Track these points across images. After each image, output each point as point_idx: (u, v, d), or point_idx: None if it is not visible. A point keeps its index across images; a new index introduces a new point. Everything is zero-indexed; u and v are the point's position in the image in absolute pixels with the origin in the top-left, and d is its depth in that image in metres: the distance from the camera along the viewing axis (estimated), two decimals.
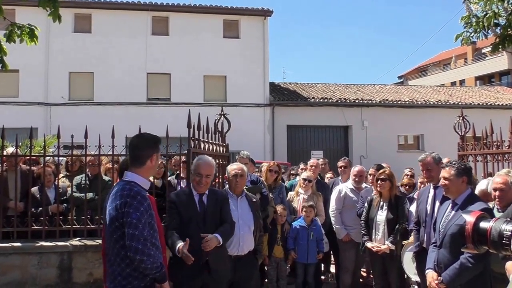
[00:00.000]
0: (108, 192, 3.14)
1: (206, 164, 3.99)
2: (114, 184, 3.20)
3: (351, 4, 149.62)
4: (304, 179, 6.34)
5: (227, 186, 4.77)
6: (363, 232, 5.61)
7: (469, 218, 2.02)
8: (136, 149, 3.07)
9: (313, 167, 6.84)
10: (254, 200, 4.75)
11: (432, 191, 4.64)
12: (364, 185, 6.37)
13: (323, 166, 7.98)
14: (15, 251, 5.16)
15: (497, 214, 3.58)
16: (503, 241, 1.84)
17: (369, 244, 5.48)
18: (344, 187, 6.34)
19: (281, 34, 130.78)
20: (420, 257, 4.83)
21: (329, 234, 6.39)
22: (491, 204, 3.89)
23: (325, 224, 6.34)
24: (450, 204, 3.81)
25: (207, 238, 3.75)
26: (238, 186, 4.55)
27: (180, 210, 3.87)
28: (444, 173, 3.78)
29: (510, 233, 1.81)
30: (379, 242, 5.41)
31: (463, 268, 3.46)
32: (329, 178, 7.78)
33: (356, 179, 6.23)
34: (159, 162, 3.24)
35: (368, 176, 6.49)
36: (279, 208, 5.99)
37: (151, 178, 4.79)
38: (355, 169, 6.36)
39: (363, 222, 5.65)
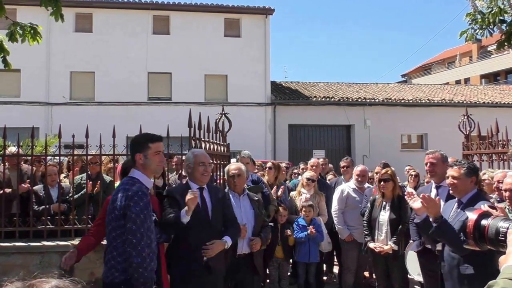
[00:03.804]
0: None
1: (204, 153, 4.07)
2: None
3: (353, 2, 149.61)
4: (308, 179, 6.30)
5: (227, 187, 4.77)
6: (366, 232, 5.56)
7: (471, 216, 2.05)
8: (129, 150, 3.33)
9: (313, 167, 6.81)
10: (256, 198, 4.76)
11: (434, 190, 4.59)
12: (366, 185, 6.33)
13: (323, 166, 7.98)
14: (17, 250, 5.16)
15: (510, 215, 3.53)
16: (499, 238, 1.85)
17: (371, 245, 5.43)
18: (347, 187, 6.29)
19: (282, 33, 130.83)
20: (423, 256, 4.80)
21: (331, 234, 6.35)
22: (502, 204, 3.85)
23: (327, 224, 6.31)
24: (456, 203, 3.78)
25: (211, 245, 3.71)
26: (237, 186, 4.55)
27: (182, 206, 3.74)
28: (453, 172, 3.73)
29: (506, 230, 1.81)
30: (382, 243, 5.36)
31: (455, 238, 3.36)
32: (330, 180, 7.73)
33: (359, 179, 6.19)
34: (162, 161, 3.26)
35: (375, 175, 6.44)
36: (279, 208, 5.96)
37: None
38: (357, 168, 6.32)
39: (365, 222, 5.60)
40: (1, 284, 0.88)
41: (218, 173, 5.34)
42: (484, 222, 1.97)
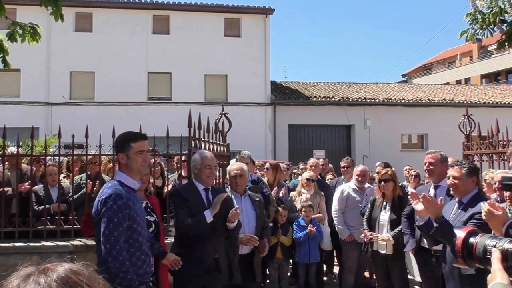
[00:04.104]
0: None
1: (211, 156, 4.10)
2: None
3: (354, 2, 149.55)
4: (308, 179, 6.29)
5: (228, 187, 4.78)
6: (364, 226, 5.53)
7: (459, 234, 2.06)
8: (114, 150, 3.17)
9: (313, 167, 6.80)
10: (257, 199, 4.80)
11: (432, 190, 4.58)
12: (367, 185, 6.32)
13: (323, 166, 7.99)
14: (17, 250, 5.15)
15: (509, 215, 3.52)
16: (487, 256, 1.86)
17: (366, 231, 5.38)
18: (347, 187, 6.28)
19: (282, 33, 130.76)
20: (419, 255, 4.79)
21: (332, 234, 6.34)
22: (503, 205, 3.84)
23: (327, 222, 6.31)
24: (457, 204, 3.77)
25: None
26: (239, 187, 4.58)
27: (189, 205, 3.85)
28: (454, 172, 3.71)
29: (493, 248, 1.83)
30: (382, 244, 5.35)
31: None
32: (329, 180, 7.71)
33: (359, 178, 6.17)
34: (146, 161, 3.17)
35: (376, 174, 6.44)
36: (279, 208, 5.95)
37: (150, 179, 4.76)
38: (358, 168, 6.30)
39: (365, 220, 5.58)
40: (16, 268, 0.92)
41: (218, 173, 5.33)
42: (472, 240, 1.99)
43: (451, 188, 3.80)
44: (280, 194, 6.16)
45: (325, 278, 6.87)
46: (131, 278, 2.83)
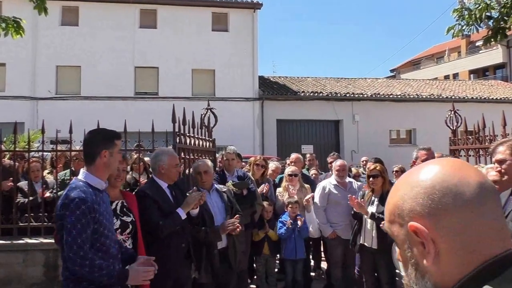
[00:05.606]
0: None
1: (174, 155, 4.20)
2: None
3: None
4: (290, 175, 6.25)
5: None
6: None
7: None
8: (85, 146, 2.90)
9: (293, 162, 6.79)
10: (224, 189, 4.87)
11: None
12: (348, 179, 6.31)
13: (311, 161, 8.00)
14: (1, 248, 5.09)
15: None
16: None
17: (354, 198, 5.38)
18: (328, 183, 6.20)
19: (270, 27, 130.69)
20: None
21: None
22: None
23: None
24: None
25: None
26: (205, 183, 4.60)
27: (160, 205, 3.86)
28: None
29: None
30: (369, 237, 5.36)
31: None
32: (313, 175, 7.69)
33: (339, 173, 6.13)
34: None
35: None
36: (264, 203, 5.91)
37: (135, 175, 4.71)
38: (336, 163, 6.25)
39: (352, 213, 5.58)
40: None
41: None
42: None
43: None
44: (264, 190, 6.10)
45: (312, 274, 6.86)
46: (108, 273, 2.67)
